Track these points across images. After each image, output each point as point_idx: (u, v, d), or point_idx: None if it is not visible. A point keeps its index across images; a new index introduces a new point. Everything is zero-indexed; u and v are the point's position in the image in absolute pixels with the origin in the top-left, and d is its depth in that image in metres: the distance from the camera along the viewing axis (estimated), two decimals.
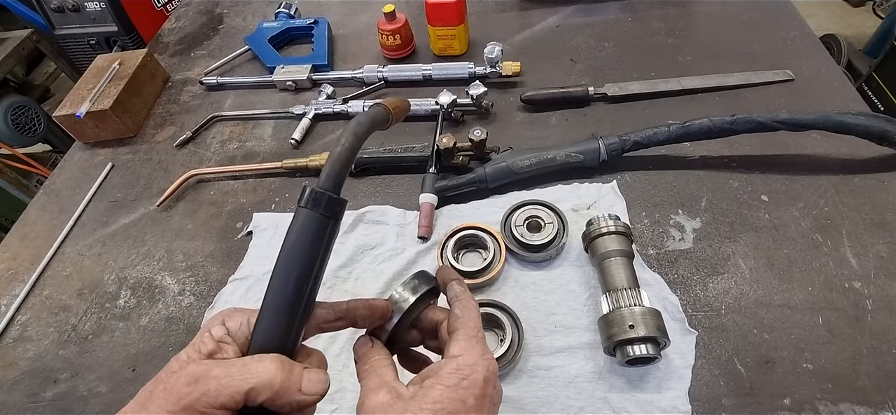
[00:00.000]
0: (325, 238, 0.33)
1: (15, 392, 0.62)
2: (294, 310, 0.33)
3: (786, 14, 0.94)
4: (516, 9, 1.08)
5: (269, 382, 0.29)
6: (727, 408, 0.50)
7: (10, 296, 0.72)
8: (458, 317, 0.37)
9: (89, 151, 0.93)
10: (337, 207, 0.33)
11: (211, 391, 0.28)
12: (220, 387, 0.29)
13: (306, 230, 0.33)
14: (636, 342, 0.49)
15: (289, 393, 0.30)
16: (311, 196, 0.33)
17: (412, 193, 0.74)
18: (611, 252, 0.56)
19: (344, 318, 0.36)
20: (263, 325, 0.32)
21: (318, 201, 0.33)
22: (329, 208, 0.33)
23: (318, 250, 0.33)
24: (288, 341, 0.33)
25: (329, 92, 0.92)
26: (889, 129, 0.63)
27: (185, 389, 0.28)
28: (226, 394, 0.29)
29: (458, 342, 0.34)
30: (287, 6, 1.11)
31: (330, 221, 0.33)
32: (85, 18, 1.80)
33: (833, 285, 0.57)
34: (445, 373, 0.33)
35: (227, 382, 0.29)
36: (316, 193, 0.33)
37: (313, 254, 0.33)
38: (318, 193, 0.33)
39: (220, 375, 0.29)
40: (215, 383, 0.29)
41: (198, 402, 0.28)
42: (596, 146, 0.70)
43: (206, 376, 0.29)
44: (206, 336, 0.32)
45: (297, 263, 0.32)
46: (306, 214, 0.33)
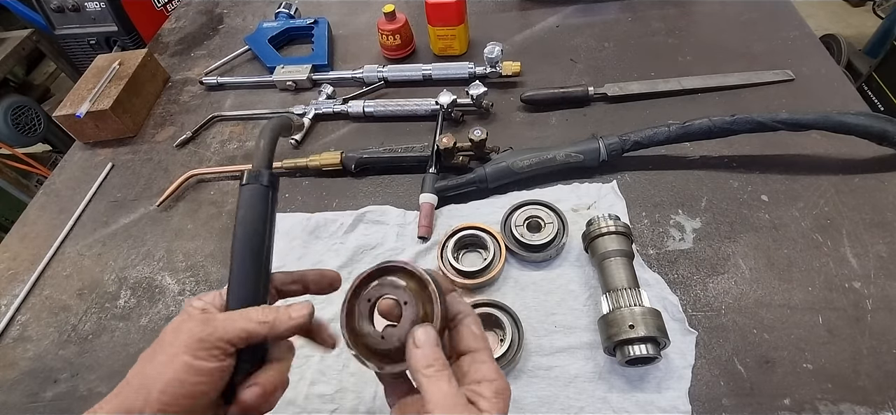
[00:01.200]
0: (268, 204, 0.40)
1: (15, 392, 0.62)
2: (258, 270, 0.38)
3: (786, 14, 0.94)
4: (516, 9, 1.08)
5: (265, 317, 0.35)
6: (727, 408, 0.50)
7: (10, 296, 0.72)
8: (477, 336, 0.36)
9: (89, 151, 0.93)
10: (272, 179, 0.40)
11: (219, 329, 0.33)
12: (227, 325, 0.33)
13: (253, 202, 0.39)
14: (636, 342, 0.49)
15: (282, 321, 0.35)
16: (251, 175, 0.40)
17: (412, 193, 0.74)
18: (611, 252, 0.56)
19: (298, 282, 0.42)
20: (235, 288, 0.37)
21: (258, 177, 0.40)
22: (267, 181, 0.40)
23: (265, 215, 0.39)
24: (259, 297, 0.38)
25: (329, 92, 0.92)
26: (889, 129, 0.63)
27: (197, 328, 0.33)
28: (233, 330, 0.33)
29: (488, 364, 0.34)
30: (287, 6, 1.11)
31: (269, 190, 0.40)
32: (85, 18, 1.80)
33: (833, 285, 0.57)
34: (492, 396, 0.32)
35: (231, 322, 0.34)
36: (254, 172, 0.40)
37: (263, 219, 0.39)
38: (256, 171, 0.40)
39: (224, 318, 0.34)
40: (222, 323, 0.33)
41: (210, 336, 0.32)
42: (596, 146, 0.70)
43: (213, 319, 0.34)
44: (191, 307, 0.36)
45: (252, 229, 0.38)
46: (249, 189, 0.39)
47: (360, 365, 0.36)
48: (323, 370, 0.57)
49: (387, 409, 0.54)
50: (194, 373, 0.31)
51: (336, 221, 0.71)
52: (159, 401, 0.30)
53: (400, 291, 0.36)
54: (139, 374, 0.32)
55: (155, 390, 0.31)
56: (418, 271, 0.36)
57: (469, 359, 0.34)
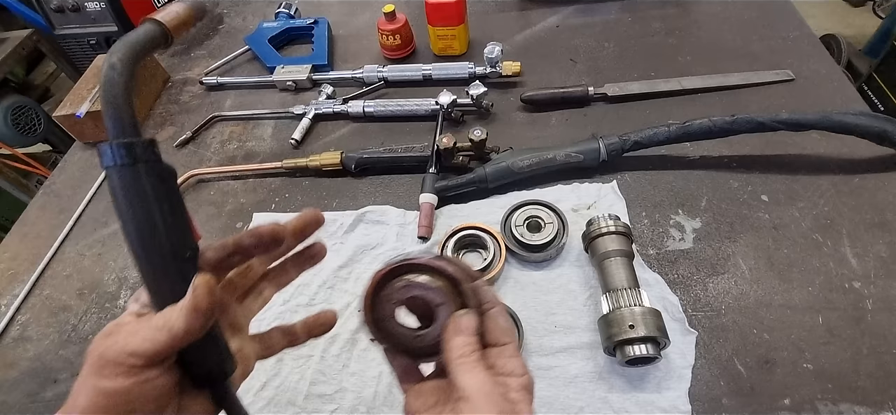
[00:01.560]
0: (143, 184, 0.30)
1: (15, 392, 0.62)
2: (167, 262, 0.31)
3: (786, 14, 0.94)
4: (516, 9, 1.08)
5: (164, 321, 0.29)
6: (727, 408, 0.50)
7: (10, 296, 0.72)
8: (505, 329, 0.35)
9: (89, 151, 0.93)
10: (139, 149, 0.29)
11: (120, 343, 0.28)
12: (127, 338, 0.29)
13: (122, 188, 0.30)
14: (636, 342, 0.49)
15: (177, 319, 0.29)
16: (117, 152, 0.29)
17: (412, 193, 0.74)
18: (611, 252, 0.56)
19: (234, 252, 0.35)
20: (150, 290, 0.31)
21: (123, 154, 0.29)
22: (130, 154, 0.29)
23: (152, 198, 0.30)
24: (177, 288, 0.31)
25: (329, 92, 0.92)
26: (889, 129, 0.63)
27: (99, 344, 0.29)
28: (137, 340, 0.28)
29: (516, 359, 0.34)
30: (287, 6, 1.11)
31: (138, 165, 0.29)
32: (85, 18, 1.79)
33: (833, 285, 0.57)
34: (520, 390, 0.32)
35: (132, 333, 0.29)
36: (120, 145, 0.29)
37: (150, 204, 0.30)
38: (121, 144, 0.29)
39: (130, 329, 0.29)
40: (123, 336, 0.29)
41: (108, 351, 0.28)
42: (596, 146, 0.70)
43: (116, 332, 0.29)
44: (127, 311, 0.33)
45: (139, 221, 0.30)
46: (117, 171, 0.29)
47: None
48: (323, 370, 0.57)
49: (387, 409, 0.54)
50: (104, 395, 0.28)
51: (336, 221, 0.71)
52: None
53: (431, 292, 0.35)
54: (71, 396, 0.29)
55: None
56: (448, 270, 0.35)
57: (496, 352, 0.34)
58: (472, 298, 0.34)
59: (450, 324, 0.33)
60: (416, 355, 0.36)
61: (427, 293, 0.34)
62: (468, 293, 0.34)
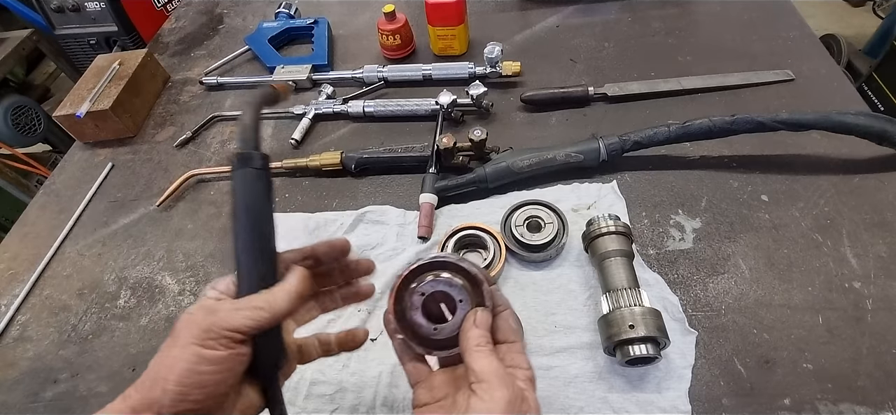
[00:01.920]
0: (265, 185, 0.38)
1: (15, 392, 0.62)
2: (262, 255, 0.37)
3: (786, 14, 0.94)
4: (516, 9, 1.08)
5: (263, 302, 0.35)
6: (727, 408, 0.50)
7: (10, 296, 0.72)
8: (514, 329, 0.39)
9: (89, 151, 0.93)
10: (264, 159, 0.38)
11: (221, 319, 0.33)
12: (230, 315, 0.34)
13: (249, 185, 0.37)
14: (636, 342, 0.49)
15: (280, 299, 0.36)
16: (242, 158, 0.37)
17: (412, 193, 0.74)
18: (611, 252, 0.56)
19: (308, 257, 0.41)
20: (242, 276, 0.37)
21: (249, 159, 0.37)
22: (260, 162, 0.38)
23: (264, 197, 0.38)
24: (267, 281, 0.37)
25: (329, 92, 0.92)
26: (889, 129, 0.63)
27: (202, 318, 0.33)
28: (235, 319, 0.33)
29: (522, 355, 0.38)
30: (287, 6, 1.11)
31: (263, 171, 0.38)
32: (85, 18, 1.80)
33: (833, 285, 0.57)
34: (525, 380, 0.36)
35: (234, 311, 0.34)
36: (244, 155, 0.37)
37: (262, 201, 0.38)
38: (246, 153, 0.38)
39: (229, 307, 0.34)
40: (225, 313, 0.34)
41: (214, 326, 0.33)
42: (596, 146, 0.70)
43: (218, 308, 0.34)
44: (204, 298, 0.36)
45: (252, 214, 0.37)
46: (243, 172, 0.37)
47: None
48: (323, 370, 0.57)
49: (387, 409, 0.54)
50: (205, 362, 0.32)
51: (336, 221, 0.71)
52: (175, 391, 0.31)
53: (456, 288, 0.39)
54: (155, 366, 0.33)
55: (170, 382, 0.31)
56: (472, 271, 0.39)
57: (505, 347, 0.38)
58: (488, 298, 0.39)
59: (469, 317, 0.38)
60: (432, 347, 0.40)
61: (451, 289, 0.39)
62: (486, 294, 0.39)
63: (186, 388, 0.31)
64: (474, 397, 0.34)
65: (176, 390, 0.31)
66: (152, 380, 0.32)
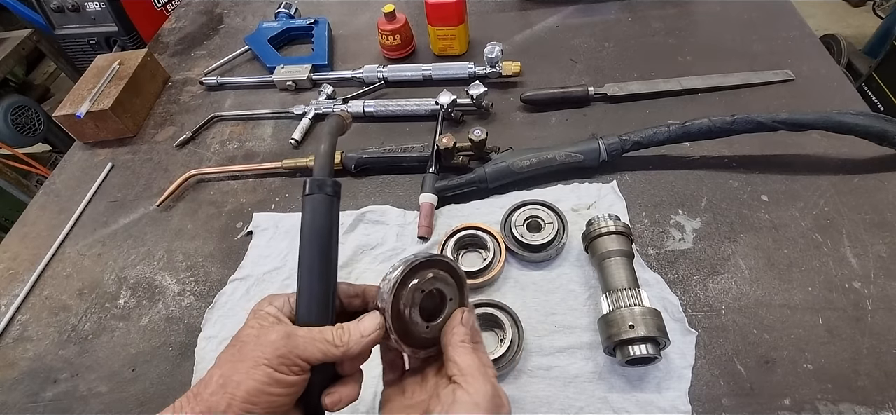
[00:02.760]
0: (334, 213, 0.40)
1: (15, 392, 0.62)
2: (327, 282, 0.39)
3: (786, 14, 0.94)
4: (516, 9, 1.08)
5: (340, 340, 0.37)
6: (727, 408, 0.50)
7: (10, 296, 0.72)
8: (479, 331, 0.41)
9: (89, 151, 0.93)
10: (336, 187, 0.41)
11: (299, 347, 0.35)
12: (307, 345, 0.35)
13: (319, 211, 0.39)
14: (636, 342, 0.49)
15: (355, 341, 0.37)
16: (315, 183, 0.40)
17: (412, 193, 0.74)
18: (611, 252, 0.56)
19: (359, 296, 0.42)
20: (306, 300, 0.38)
21: (322, 186, 0.40)
22: (332, 189, 0.40)
23: (333, 224, 0.40)
24: (329, 308, 0.39)
25: (329, 92, 0.92)
26: (889, 129, 0.63)
27: (280, 342, 0.34)
28: (312, 350, 0.35)
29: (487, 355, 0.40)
30: (287, 6, 1.11)
31: (334, 199, 0.40)
32: (85, 18, 1.80)
33: (833, 285, 0.57)
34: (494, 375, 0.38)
35: (311, 342, 0.36)
36: (318, 181, 0.40)
37: (330, 228, 0.40)
38: (320, 180, 0.40)
39: (305, 337, 0.36)
40: (303, 342, 0.35)
41: (291, 353, 0.34)
42: (596, 146, 0.70)
43: (295, 335, 0.35)
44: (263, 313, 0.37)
45: (321, 239, 0.39)
46: (315, 198, 0.40)
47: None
48: None
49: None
50: (275, 384, 0.34)
51: None
52: (241, 407, 0.33)
53: (450, 287, 0.41)
54: (223, 377, 0.34)
55: (238, 396, 0.33)
56: (460, 272, 0.42)
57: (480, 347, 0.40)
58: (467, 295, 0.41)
59: (456, 314, 0.40)
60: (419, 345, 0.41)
61: (447, 288, 0.41)
62: (467, 295, 0.41)
63: (253, 406, 0.33)
64: (460, 389, 0.35)
65: (242, 407, 0.33)
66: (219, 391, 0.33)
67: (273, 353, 0.34)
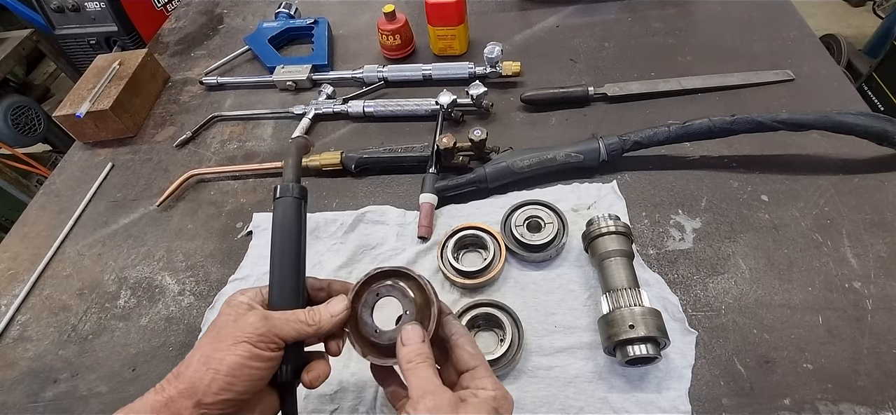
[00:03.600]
0: (302, 214, 0.45)
1: (15, 392, 0.62)
2: (297, 275, 0.43)
3: (786, 14, 0.94)
4: (516, 9, 1.08)
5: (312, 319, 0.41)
6: (727, 408, 0.50)
7: (10, 296, 0.72)
8: (473, 354, 0.40)
9: (89, 151, 0.93)
10: (302, 191, 0.46)
11: (276, 326, 0.39)
12: (283, 324, 0.39)
13: (288, 212, 0.44)
14: (636, 342, 0.49)
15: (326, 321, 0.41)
16: (284, 188, 0.45)
17: (412, 193, 0.74)
18: (611, 252, 0.56)
19: (324, 289, 0.46)
20: (277, 290, 0.42)
21: (290, 190, 0.45)
22: (300, 193, 0.45)
23: (301, 224, 0.44)
24: (299, 296, 0.43)
25: (329, 92, 0.92)
26: (889, 129, 0.63)
27: (259, 322, 0.38)
28: (287, 329, 0.39)
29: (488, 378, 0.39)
30: (287, 6, 1.11)
31: (300, 201, 0.45)
32: (85, 18, 1.80)
33: (833, 285, 0.57)
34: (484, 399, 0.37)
35: (286, 322, 0.39)
36: (285, 186, 0.45)
37: (298, 228, 0.44)
38: (286, 185, 0.45)
39: (280, 317, 0.40)
40: (278, 322, 0.39)
41: (269, 331, 0.38)
42: (596, 146, 0.70)
43: (271, 317, 0.39)
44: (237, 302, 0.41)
45: (290, 235, 0.43)
46: (284, 201, 0.44)
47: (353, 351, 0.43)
48: None
49: (387, 409, 0.54)
50: (255, 359, 0.37)
51: (336, 221, 0.71)
52: (224, 380, 0.36)
53: (406, 300, 0.42)
54: (204, 356, 0.37)
55: (221, 371, 0.36)
56: (428, 289, 0.42)
57: (468, 376, 0.39)
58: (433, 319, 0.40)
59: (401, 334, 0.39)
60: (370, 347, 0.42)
61: (403, 300, 0.42)
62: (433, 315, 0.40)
63: (234, 379, 0.36)
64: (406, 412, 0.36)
65: (225, 380, 0.36)
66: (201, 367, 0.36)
67: (253, 331, 0.37)
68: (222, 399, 0.36)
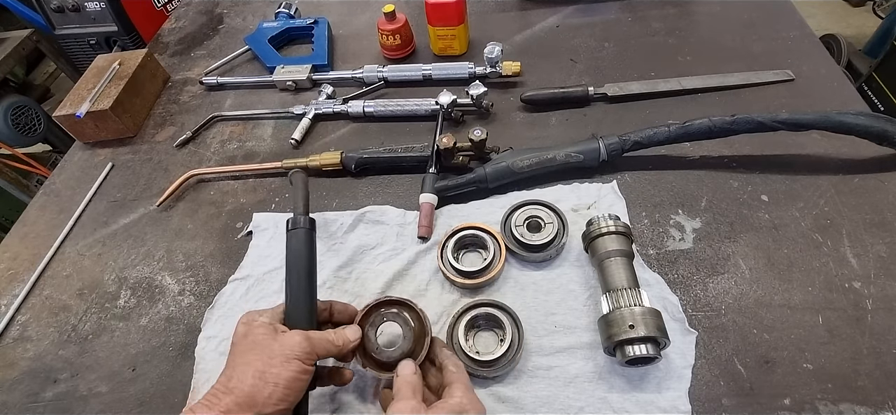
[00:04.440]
0: (312, 242, 0.54)
1: (15, 392, 0.62)
2: (311, 296, 0.51)
3: (786, 14, 0.94)
4: (516, 9, 1.08)
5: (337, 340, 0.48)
6: (727, 408, 0.50)
7: (10, 296, 0.72)
8: (453, 371, 0.48)
9: (89, 151, 0.93)
10: (312, 223, 0.55)
11: (317, 346, 0.46)
12: (321, 344, 0.47)
13: (302, 242, 0.53)
14: (636, 342, 0.49)
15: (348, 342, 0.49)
16: (298, 221, 0.54)
17: (412, 193, 0.74)
18: (611, 252, 0.56)
19: (327, 309, 0.54)
20: (294, 312, 0.50)
21: (300, 223, 0.54)
22: (310, 225, 0.54)
23: (311, 253, 0.53)
24: (312, 319, 0.50)
25: (329, 92, 0.92)
26: (889, 129, 0.63)
27: (304, 342, 0.45)
28: (324, 348, 0.47)
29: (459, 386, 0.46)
30: (287, 6, 1.11)
31: (312, 232, 0.54)
32: (85, 18, 1.80)
33: (833, 285, 0.57)
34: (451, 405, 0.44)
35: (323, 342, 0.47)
36: (299, 219, 0.54)
37: (311, 256, 0.53)
38: (300, 217, 0.54)
39: (317, 336, 0.47)
40: (318, 342, 0.46)
41: (312, 350, 0.46)
42: (596, 146, 0.70)
43: (312, 338, 0.46)
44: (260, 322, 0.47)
45: (306, 265, 0.52)
46: (298, 232, 0.53)
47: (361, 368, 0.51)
48: None
49: None
50: (303, 373, 0.44)
51: (336, 221, 0.71)
52: (283, 391, 0.43)
53: (407, 328, 0.51)
54: (258, 371, 0.43)
55: (281, 384, 0.42)
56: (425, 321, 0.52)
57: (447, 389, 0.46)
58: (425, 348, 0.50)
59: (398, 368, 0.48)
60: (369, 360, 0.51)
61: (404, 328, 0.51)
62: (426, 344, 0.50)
63: (289, 391, 0.43)
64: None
65: (283, 392, 0.42)
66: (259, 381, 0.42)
67: (301, 350, 0.44)
68: (280, 409, 0.42)
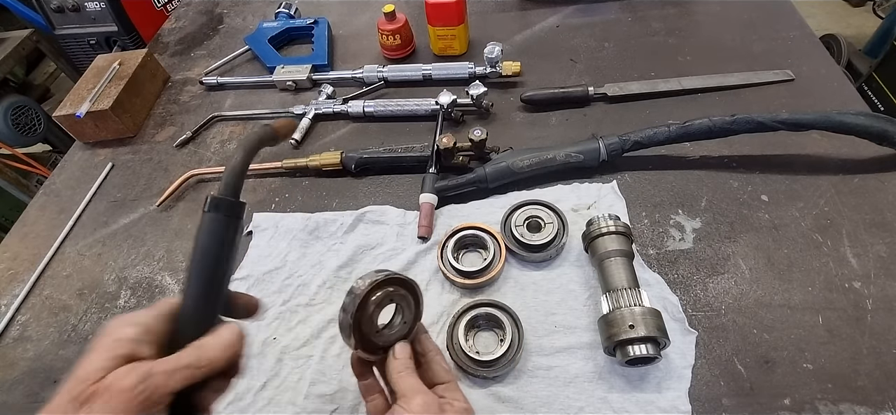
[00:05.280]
0: (227, 235, 0.38)
1: (15, 392, 0.62)
2: (212, 298, 0.38)
3: (786, 14, 0.94)
4: (516, 9, 1.08)
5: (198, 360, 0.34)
6: (727, 408, 0.50)
7: (10, 296, 0.72)
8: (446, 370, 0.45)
9: (89, 151, 0.93)
10: (236, 208, 0.38)
11: (160, 385, 0.32)
12: (168, 379, 0.32)
13: (210, 231, 0.37)
14: (636, 342, 0.49)
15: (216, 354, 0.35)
16: (213, 202, 0.37)
17: (412, 193, 0.74)
18: (611, 252, 0.56)
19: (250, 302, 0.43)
20: (189, 313, 0.37)
21: (219, 206, 0.37)
22: (229, 210, 0.38)
23: (222, 245, 0.38)
24: (210, 324, 0.37)
25: (329, 92, 0.92)
26: (889, 129, 0.63)
27: (143, 388, 0.31)
28: (175, 381, 0.32)
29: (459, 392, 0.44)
30: (287, 6, 1.11)
31: (231, 220, 0.38)
32: (85, 18, 1.80)
33: (833, 285, 0.57)
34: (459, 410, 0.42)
35: (170, 373, 0.32)
36: (216, 200, 0.37)
37: (219, 250, 0.37)
38: (218, 199, 0.37)
39: (162, 370, 0.32)
40: (161, 377, 0.32)
41: (153, 393, 0.31)
42: (596, 146, 0.70)
43: (153, 372, 0.32)
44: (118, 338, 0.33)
45: (208, 259, 0.37)
46: (209, 217, 0.37)
47: None
48: (323, 370, 0.57)
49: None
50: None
51: (336, 221, 0.71)
52: None
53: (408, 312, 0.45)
54: None
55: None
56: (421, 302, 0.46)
57: (442, 388, 0.44)
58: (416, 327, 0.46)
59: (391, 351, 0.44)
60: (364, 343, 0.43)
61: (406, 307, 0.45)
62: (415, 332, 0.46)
63: None
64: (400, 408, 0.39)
65: None
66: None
67: (130, 397, 0.30)
68: None
